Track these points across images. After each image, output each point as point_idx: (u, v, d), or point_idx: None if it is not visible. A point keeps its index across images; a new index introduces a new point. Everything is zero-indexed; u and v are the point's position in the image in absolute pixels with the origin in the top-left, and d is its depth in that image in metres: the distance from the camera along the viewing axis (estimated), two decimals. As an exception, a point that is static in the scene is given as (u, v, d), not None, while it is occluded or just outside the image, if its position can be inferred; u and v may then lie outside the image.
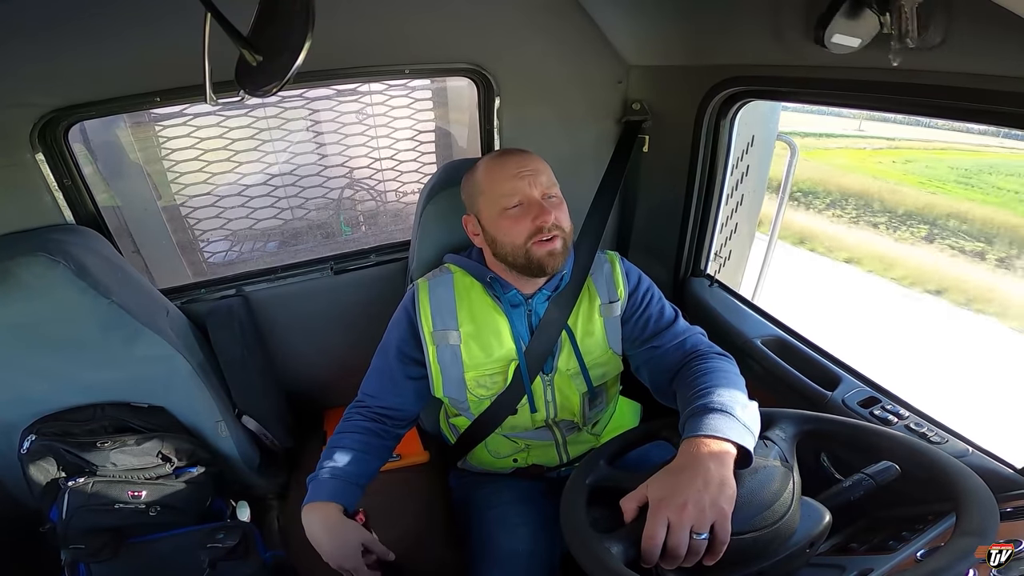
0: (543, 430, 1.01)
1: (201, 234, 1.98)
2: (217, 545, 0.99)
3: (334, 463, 0.88)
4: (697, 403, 0.73)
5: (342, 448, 0.90)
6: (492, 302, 0.94)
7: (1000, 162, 8.12)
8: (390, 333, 0.99)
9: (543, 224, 0.85)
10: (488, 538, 0.93)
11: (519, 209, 0.87)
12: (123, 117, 1.77)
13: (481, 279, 0.95)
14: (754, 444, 0.67)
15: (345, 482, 0.87)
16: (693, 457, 0.64)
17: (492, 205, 0.89)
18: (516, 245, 0.87)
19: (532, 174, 0.87)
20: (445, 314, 0.94)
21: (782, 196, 2.03)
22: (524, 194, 0.87)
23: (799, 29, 0.83)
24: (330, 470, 0.87)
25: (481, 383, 0.95)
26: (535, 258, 0.87)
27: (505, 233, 0.88)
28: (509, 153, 0.92)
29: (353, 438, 0.92)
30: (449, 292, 0.95)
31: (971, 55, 0.65)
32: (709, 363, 0.84)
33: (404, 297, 0.99)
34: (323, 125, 1.99)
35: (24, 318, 0.92)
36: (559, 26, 1.25)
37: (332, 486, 0.86)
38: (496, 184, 0.88)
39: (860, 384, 1.00)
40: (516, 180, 0.87)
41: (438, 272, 0.99)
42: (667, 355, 0.92)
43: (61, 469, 1.02)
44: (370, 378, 0.99)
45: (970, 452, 0.82)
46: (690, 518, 0.59)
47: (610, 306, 0.97)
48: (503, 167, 0.89)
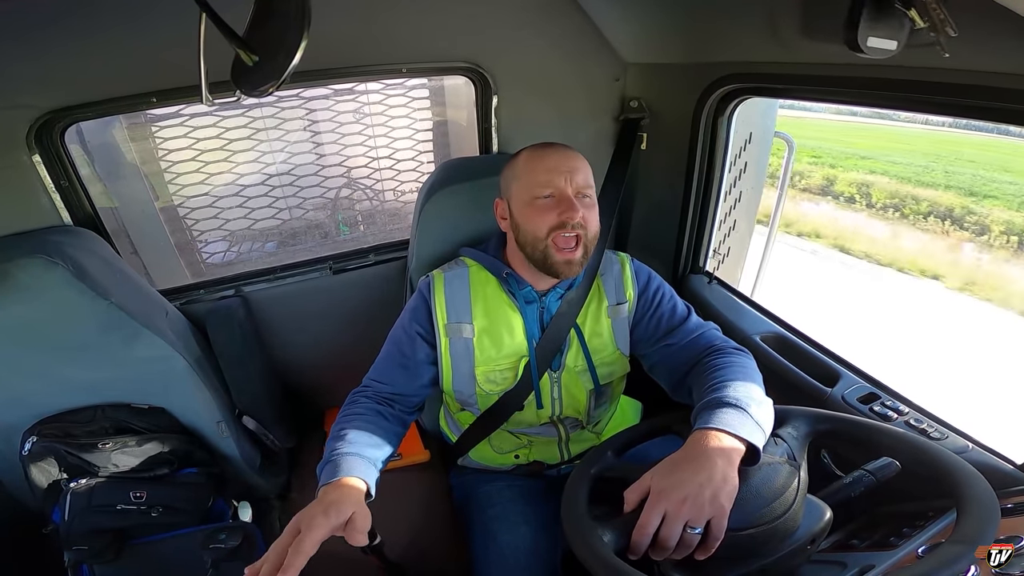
0: (547, 426, 1.01)
1: (199, 235, 1.97)
2: (219, 545, 0.99)
3: (346, 443, 0.79)
4: (711, 396, 0.72)
5: (352, 429, 0.82)
6: (507, 298, 0.94)
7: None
8: (404, 318, 0.97)
9: (568, 220, 0.85)
10: (490, 536, 0.93)
11: (549, 201, 0.87)
12: (119, 118, 1.75)
13: (497, 274, 0.95)
14: (764, 442, 0.66)
15: (363, 459, 0.77)
16: (700, 449, 0.64)
17: (524, 192, 0.89)
18: (538, 237, 0.87)
19: (570, 171, 0.87)
20: (460, 308, 0.93)
21: (780, 192, 2.03)
22: (557, 187, 0.87)
23: (796, 26, 0.83)
24: (344, 449, 0.77)
25: (491, 378, 0.95)
26: (552, 261, 0.87)
27: (529, 221, 0.88)
28: (553, 146, 0.91)
29: (363, 419, 0.85)
30: (464, 286, 0.95)
31: (971, 52, 0.65)
32: (726, 358, 0.83)
33: (419, 285, 0.98)
34: (320, 125, 1.98)
35: (23, 320, 0.92)
36: (556, 24, 1.25)
37: (351, 462, 0.75)
38: (533, 173, 0.88)
39: (860, 380, 1.00)
40: (553, 174, 0.87)
41: (454, 265, 0.99)
42: (682, 352, 0.91)
43: (63, 470, 1.02)
44: (378, 365, 0.96)
45: (970, 448, 0.82)
46: (687, 512, 0.59)
47: (618, 308, 0.97)
48: (544, 159, 0.89)
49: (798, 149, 1.93)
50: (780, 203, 2.07)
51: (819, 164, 8.73)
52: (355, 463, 0.75)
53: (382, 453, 0.82)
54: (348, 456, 0.76)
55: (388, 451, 0.84)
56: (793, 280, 4.66)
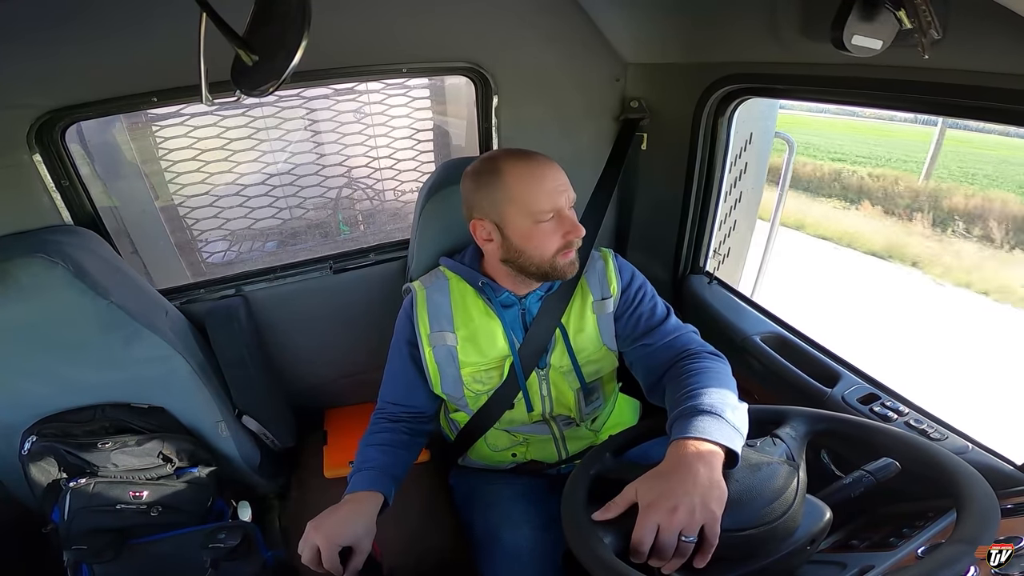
0: (540, 424, 1.02)
1: (199, 234, 1.98)
2: (219, 545, 0.99)
3: (364, 461, 0.91)
4: (686, 404, 0.73)
5: (371, 446, 0.94)
6: (484, 306, 0.96)
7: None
8: (396, 337, 1.01)
9: (575, 238, 0.88)
10: (491, 535, 0.94)
11: (552, 223, 0.88)
12: (120, 118, 1.76)
13: (473, 284, 0.96)
14: (742, 445, 0.67)
15: (379, 471, 0.89)
16: (681, 459, 0.64)
17: (524, 216, 0.87)
18: (545, 258, 0.89)
19: (565, 189, 0.88)
20: (442, 319, 0.96)
21: (781, 192, 2.03)
22: (557, 208, 0.88)
23: (796, 26, 0.83)
24: (368, 464, 0.90)
25: (477, 379, 0.97)
26: (559, 267, 0.89)
27: (537, 245, 0.88)
28: (539, 163, 0.89)
29: (380, 437, 0.96)
30: (445, 298, 0.97)
31: (969, 52, 0.65)
32: (700, 363, 0.84)
33: (404, 302, 1.01)
34: (321, 124, 1.98)
35: (23, 319, 0.92)
36: (557, 24, 1.25)
37: (367, 477, 0.88)
38: (533, 196, 0.86)
39: (860, 381, 1.00)
40: (553, 195, 0.87)
41: (434, 277, 1.00)
42: (658, 353, 0.93)
43: (62, 470, 1.02)
44: (386, 384, 1.02)
45: (970, 448, 0.82)
46: (680, 522, 0.59)
47: (603, 303, 0.98)
48: (541, 180, 0.87)
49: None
50: (780, 203, 2.07)
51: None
52: (374, 477, 0.88)
53: (400, 463, 0.93)
54: (367, 471, 0.89)
55: (406, 461, 0.95)
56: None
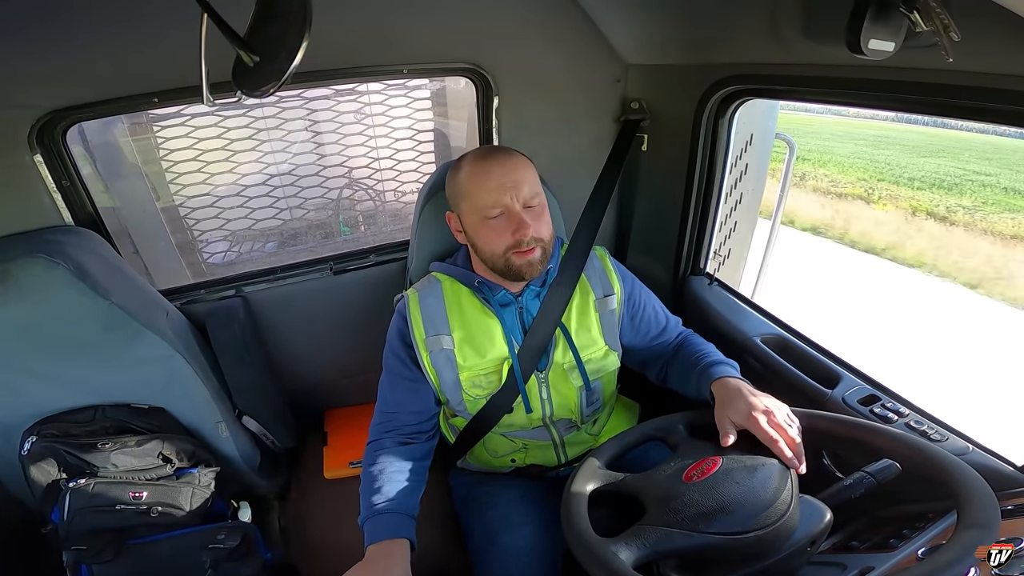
0: (540, 430, 1.01)
1: (200, 235, 1.98)
2: (218, 546, 0.99)
3: (383, 496, 0.86)
4: (709, 359, 0.93)
5: (385, 478, 0.89)
6: (482, 305, 0.95)
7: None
8: (389, 342, 0.99)
9: (522, 238, 0.86)
10: (491, 537, 0.93)
11: (500, 219, 0.87)
12: (121, 118, 1.76)
13: (469, 284, 0.96)
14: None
15: (404, 516, 0.85)
16: (735, 387, 0.83)
17: (474, 212, 0.89)
18: (496, 254, 0.89)
19: (514, 186, 0.86)
20: (437, 322, 0.94)
21: (781, 193, 2.03)
22: (505, 205, 0.87)
23: (798, 27, 0.83)
24: (384, 504, 0.85)
25: (476, 383, 0.96)
26: (514, 267, 0.89)
27: (484, 241, 0.89)
28: (493, 157, 0.90)
29: (394, 467, 0.91)
30: (439, 301, 0.95)
31: (972, 53, 0.65)
32: (704, 344, 1.01)
33: (396, 307, 0.99)
34: (321, 125, 1.98)
35: (23, 320, 0.92)
36: (557, 25, 1.25)
37: (390, 523, 0.84)
38: (479, 193, 0.87)
39: (860, 382, 1.00)
40: (499, 192, 0.86)
41: (426, 282, 0.99)
42: (662, 349, 1.05)
43: (62, 470, 1.02)
44: (383, 395, 0.99)
45: (970, 450, 0.82)
46: (776, 406, 0.77)
47: (605, 300, 0.98)
48: (487, 176, 0.88)
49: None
50: (781, 204, 2.07)
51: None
52: (398, 522, 0.84)
53: (415, 498, 0.90)
54: (388, 515, 0.84)
55: (419, 492, 0.92)
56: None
